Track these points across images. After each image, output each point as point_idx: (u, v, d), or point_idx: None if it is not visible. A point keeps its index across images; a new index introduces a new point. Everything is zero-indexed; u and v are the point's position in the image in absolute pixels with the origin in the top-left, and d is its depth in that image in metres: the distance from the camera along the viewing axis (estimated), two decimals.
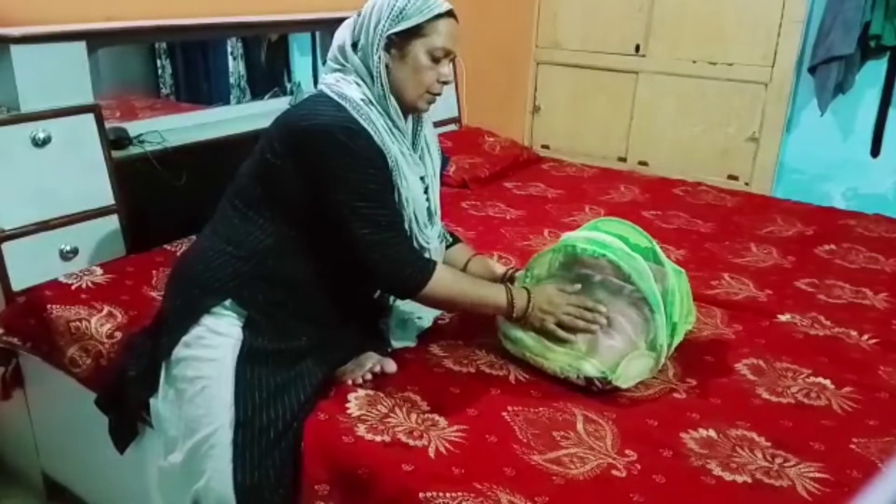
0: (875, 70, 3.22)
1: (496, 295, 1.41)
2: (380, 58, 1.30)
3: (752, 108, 3.44)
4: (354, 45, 1.34)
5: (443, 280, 1.34)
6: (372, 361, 1.39)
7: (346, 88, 1.31)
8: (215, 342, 1.28)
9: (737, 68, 3.42)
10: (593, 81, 3.85)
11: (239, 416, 1.23)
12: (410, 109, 1.37)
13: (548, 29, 3.92)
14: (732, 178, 3.52)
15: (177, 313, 1.34)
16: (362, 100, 1.30)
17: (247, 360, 1.27)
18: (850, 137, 3.36)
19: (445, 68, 1.34)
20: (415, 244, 1.37)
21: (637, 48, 3.68)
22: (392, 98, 1.32)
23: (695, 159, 3.59)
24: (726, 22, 3.41)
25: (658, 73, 3.64)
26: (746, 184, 3.49)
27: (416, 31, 1.29)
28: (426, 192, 1.41)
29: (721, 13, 3.41)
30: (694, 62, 3.53)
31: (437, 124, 3.01)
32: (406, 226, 1.35)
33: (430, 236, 1.41)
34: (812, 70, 3.24)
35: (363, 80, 1.32)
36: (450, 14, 1.33)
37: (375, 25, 1.30)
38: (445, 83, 1.35)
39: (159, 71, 2.39)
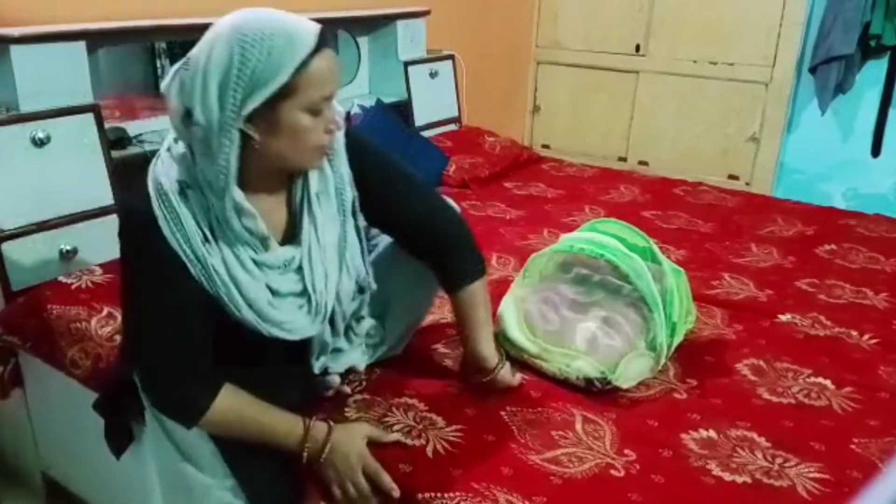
0: (875, 70, 3.22)
1: (288, 428, 1.16)
2: (230, 140, 1.01)
3: (752, 108, 3.44)
4: (188, 113, 1.02)
5: (220, 413, 1.12)
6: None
7: (164, 167, 1.07)
8: None
9: (737, 68, 3.42)
10: (594, 81, 3.84)
11: (223, 448, 1.20)
12: (296, 172, 1.14)
13: (548, 29, 3.92)
14: (733, 178, 3.52)
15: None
16: (179, 183, 1.06)
17: None
18: (851, 137, 3.36)
19: (333, 111, 1.08)
20: (279, 336, 1.15)
21: (637, 48, 3.67)
22: (235, 195, 1.04)
23: (695, 159, 3.59)
24: (727, 22, 3.41)
25: (658, 73, 3.64)
26: (747, 184, 3.49)
27: (282, 93, 1.00)
28: (300, 268, 1.16)
29: (721, 13, 3.41)
30: (694, 62, 3.53)
31: (436, 124, 3.06)
32: (244, 328, 1.13)
33: (302, 325, 1.18)
34: (812, 70, 3.23)
35: (195, 155, 1.05)
36: (319, 46, 1.01)
37: (220, 97, 0.99)
38: (334, 130, 1.10)
39: (159, 71, 2.39)
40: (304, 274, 1.17)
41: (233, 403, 1.14)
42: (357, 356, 1.37)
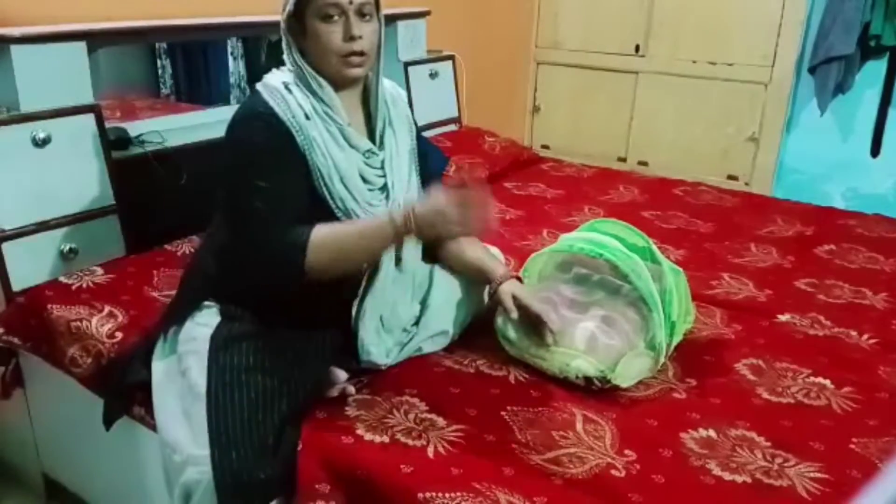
0: (875, 70, 3.22)
1: (378, 222, 1.28)
2: (288, 44, 1.31)
3: (752, 108, 3.44)
4: None
5: (318, 238, 1.25)
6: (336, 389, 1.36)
7: (270, 77, 1.34)
8: (198, 333, 1.32)
9: (737, 68, 3.43)
10: (593, 81, 3.85)
11: (209, 392, 1.24)
12: (341, 81, 1.33)
13: (548, 29, 3.93)
14: (732, 178, 3.52)
15: (173, 309, 1.42)
16: (283, 82, 1.30)
17: (217, 342, 1.29)
18: (850, 137, 3.37)
19: (351, 23, 1.27)
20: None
21: (637, 48, 3.68)
22: (318, 77, 1.30)
23: (695, 159, 3.60)
24: (726, 22, 3.41)
25: (658, 73, 3.64)
26: (746, 184, 3.49)
27: (305, 3, 1.27)
28: (382, 167, 1.38)
29: (721, 13, 3.41)
30: (694, 62, 3.53)
31: (436, 124, 3.06)
32: (335, 206, 1.31)
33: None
34: (812, 70, 3.24)
35: (292, 69, 1.33)
36: None
37: (282, 9, 1.31)
38: (353, 38, 1.27)
39: (159, 71, 2.39)
40: (387, 171, 1.39)
41: (323, 228, 1.27)
42: (390, 345, 1.44)
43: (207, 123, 2.32)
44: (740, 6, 3.36)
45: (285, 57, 1.34)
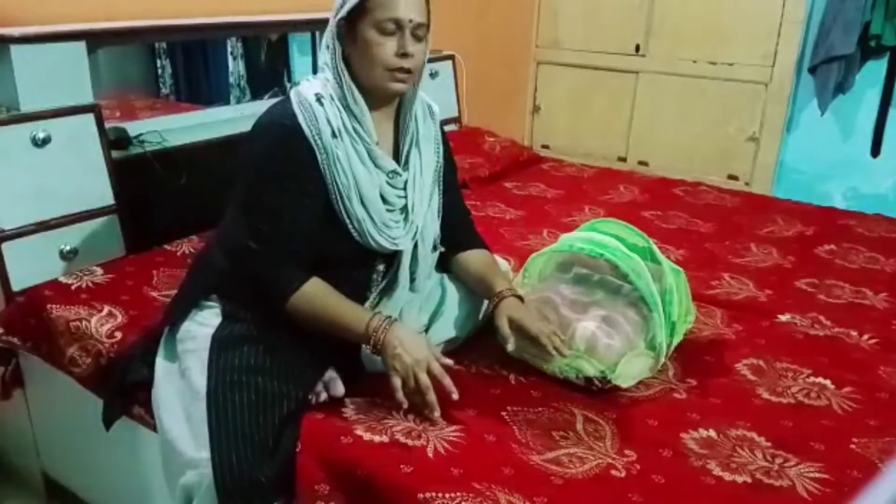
0: (875, 70, 3.22)
1: (357, 317, 1.28)
2: (334, 49, 1.28)
3: (752, 108, 3.44)
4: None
5: (306, 295, 1.28)
6: (320, 386, 1.34)
7: (305, 85, 1.31)
8: (199, 332, 1.33)
9: (737, 68, 3.42)
10: (593, 81, 3.85)
11: (209, 394, 1.24)
12: (381, 94, 1.31)
13: (548, 29, 3.93)
14: (732, 178, 3.52)
15: (176, 304, 1.42)
16: (316, 94, 1.28)
17: (218, 343, 1.29)
18: (850, 137, 3.37)
19: (406, 40, 1.25)
20: (372, 243, 1.33)
21: (637, 48, 3.68)
22: (354, 91, 1.28)
23: (695, 159, 3.60)
24: (726, 22, 3.41)
25: (658, 73, 3.64)
26: (747, 184, 3.49)
27: (360, 11, 1.24)
28: (404, 188, 1.37)
29: (721, 13, 3.41)
30: (694, 62, 3.53)
31: None
32: (352, 226, 1.31)
33: (396, 236, 1.36)
34: (812, 70, 3.24)
35: (330, 77, 1.30)
36: None
37: (336, 8, 1.28)
38: (405, 55, 1.25)
39: (159, 71, 2.39)
40: (409, 192, 1.37)
41: (319, 288, 1.30)
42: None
43: (207, 123, 2.32)
44: (740, 6, 3.36)
45: (327, 61, 1.30)
